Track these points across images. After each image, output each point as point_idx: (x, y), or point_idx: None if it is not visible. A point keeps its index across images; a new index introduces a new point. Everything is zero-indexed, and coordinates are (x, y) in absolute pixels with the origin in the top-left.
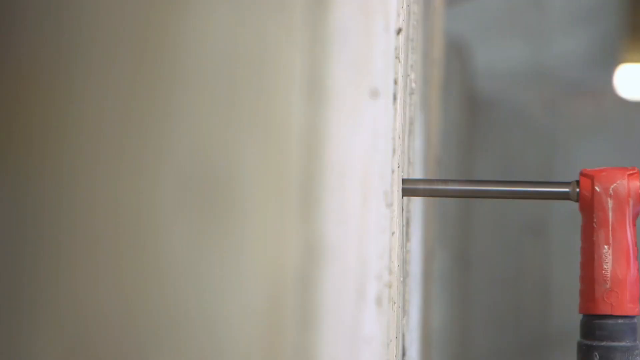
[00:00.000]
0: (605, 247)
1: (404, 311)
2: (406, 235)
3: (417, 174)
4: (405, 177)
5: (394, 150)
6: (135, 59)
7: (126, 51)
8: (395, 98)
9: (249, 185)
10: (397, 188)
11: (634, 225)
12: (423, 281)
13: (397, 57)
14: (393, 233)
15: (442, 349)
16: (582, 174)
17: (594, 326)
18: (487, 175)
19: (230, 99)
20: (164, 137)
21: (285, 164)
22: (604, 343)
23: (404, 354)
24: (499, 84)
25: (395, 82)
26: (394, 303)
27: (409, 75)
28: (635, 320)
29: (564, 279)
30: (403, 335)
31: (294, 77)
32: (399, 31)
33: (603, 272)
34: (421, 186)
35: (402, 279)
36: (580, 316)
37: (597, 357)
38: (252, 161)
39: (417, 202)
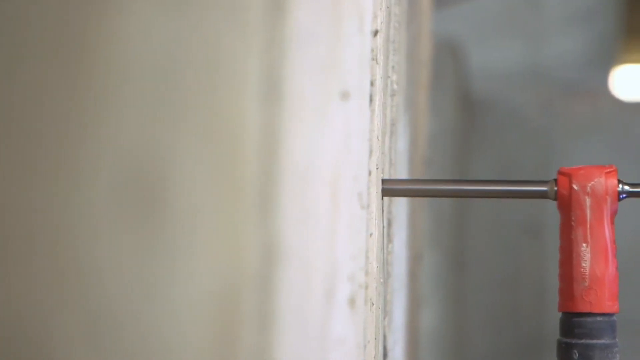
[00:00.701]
0: (584, 245)
1: (385, 312)
2: (388, 237)
3: (402, 175)
4: (387, 178)
5: (370, 152)
6: (65, 58)
7: (54, 49)
8: (371, 99)
9: (197, 188)
10: (376, 189)
11: (612, 223)
12: (409, 283)
13: (374, 59)
14: (371, 234)
15: (438, 351)
16: (559, 173)
17: (573, 324)
18: (483, 176)
19: (175, 101)
20: (99, 139)
21: (239, 167)
22: (583, 341)
23: (385, 355)
24: (496, 84)
25: (372, 84)
26: (373, 304)
27: (389, 77)
28: (615, 317)
29: None
30: (384, 337)
31: (249, 80)
32: (375, 33)
33: (581, 270)
34: (400, 186)
35: (381, 280)
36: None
37: (577, 355)
38: (200, 163)
39: (401, 204)
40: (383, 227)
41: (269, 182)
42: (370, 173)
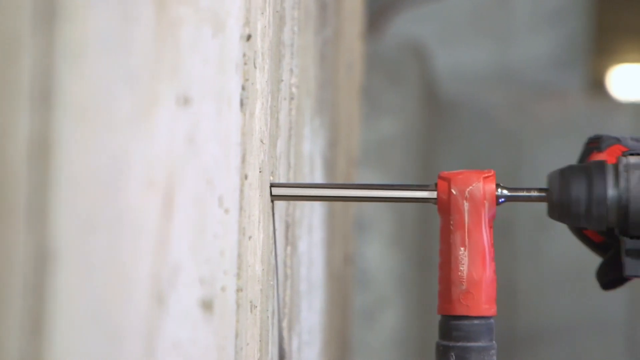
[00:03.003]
0: (462, 249)
1: (284, 314)
2: (286, 239)
3: (311, 178)
4: (287, 181)
5: (244, 156)
6: None
7: None
8: (243, 103)
9: None
10: (260, 192)
11: (491, 227)
12: (329, 284)
13: (246, 63)
14: (250, 237)
15: (402, 351)
16: (439, 177)
17: (451, 327)
18: None
19: None
20: None
21: (5, 175)
22: (460, 343)
23: (282, 357)
24: (466, 86)
25: (244, 88)
26: (255, 307)
27: (283, 80)
28: (492, 320)
29: (530, 280)
30: (283, 338)
31: (16, 87)
32: (248, 37)
33: (459, 273)
34: (287, 191)
35: (272, 282)
36: None
37: (454, 357)
38: None
39: (317, 206)
40: (275, 229)
41: (45, 190)
42: (246, 177)
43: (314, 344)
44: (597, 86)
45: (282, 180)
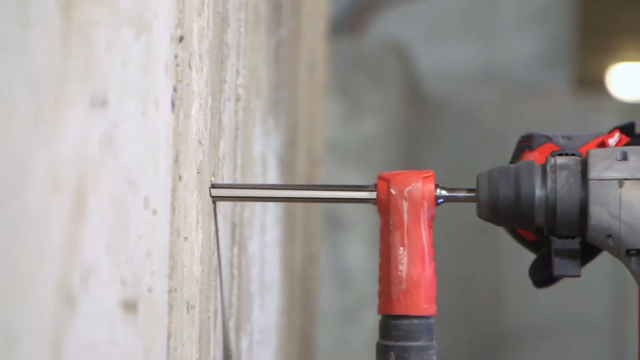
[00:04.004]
0: (401, 248)
1: (231, 314)
2: (232, 239)
3: (264, 178)
4: (234, 182)
5: (176, 157)
6: None
7: None
8: (174, 104)
9: None
10: (198, 193)
11: (430, 227)
12: (285, 284)
13: (179, 65)
14: (186, 238)
15: None
16: (379, 178)
17: (390, 326)
18: (437, 178)
19: None
20: None
21: None
22: (399, 343)
23: (228, 357)
24: (451, 85)
25: (175, 90)
26: (193, 307)
27: (225, 81)
28: (432, 320)
29: (516, 279)
30: (229, 338)
31: None
32: (181, 39)
33: (399, 273)
34: (228, 192)
35: (214, 282)
36: None
37: (393, 357)
38: None
39: (267, 208)
40: (218, 230)
41: None
42: (180, 177)
43: (268, 343)
44: (583, 85)
45: (228, 181)
